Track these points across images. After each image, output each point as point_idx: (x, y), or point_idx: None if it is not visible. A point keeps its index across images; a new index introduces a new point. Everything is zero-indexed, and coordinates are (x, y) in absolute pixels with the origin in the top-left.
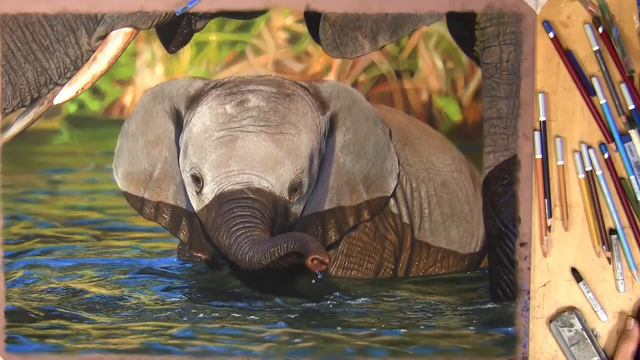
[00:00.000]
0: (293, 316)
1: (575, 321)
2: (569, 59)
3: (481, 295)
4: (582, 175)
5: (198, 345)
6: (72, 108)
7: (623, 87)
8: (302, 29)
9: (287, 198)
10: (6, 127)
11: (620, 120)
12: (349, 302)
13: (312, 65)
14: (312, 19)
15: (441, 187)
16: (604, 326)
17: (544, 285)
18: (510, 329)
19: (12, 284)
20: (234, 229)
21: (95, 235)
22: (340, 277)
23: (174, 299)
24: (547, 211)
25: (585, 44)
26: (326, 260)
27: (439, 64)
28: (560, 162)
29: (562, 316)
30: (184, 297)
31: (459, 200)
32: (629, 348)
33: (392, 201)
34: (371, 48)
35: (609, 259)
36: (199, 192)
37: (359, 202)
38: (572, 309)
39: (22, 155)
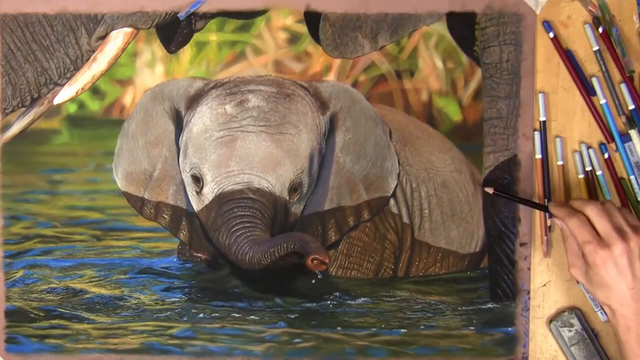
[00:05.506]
0: (293, 316)
1: (575, 321)
2: (569, 59)
3: (481, 295)
4: (582, 175)
5: (198, 345)
6: (72, 108)
7: (623, 87)
8: (302, 29)
9: (287, 198)
10: (6, 127)
11: (620, 120)
12: (349, 302)
13: (312, 65)
14: (312, 19)
15: (441, 187)
16: (604, 326)
17: (544, 285)
18: (510, 329)
19: (12, 284)
20: (234, 229)
21: (95, 235)
22: (340, 277)
23: (174, 299)
24: None
25: (585, 44)
26: (326, 260)
27: (439, 64)
28: (560, 162)
29: (562, 316)
30: (184, 297)
31: (459, 200)
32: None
33: (392, 201)
34: (371, 48)
35: None
36: (199, 192)
37: (359, 202)
38: (572, 309)
39: (22, 155)
